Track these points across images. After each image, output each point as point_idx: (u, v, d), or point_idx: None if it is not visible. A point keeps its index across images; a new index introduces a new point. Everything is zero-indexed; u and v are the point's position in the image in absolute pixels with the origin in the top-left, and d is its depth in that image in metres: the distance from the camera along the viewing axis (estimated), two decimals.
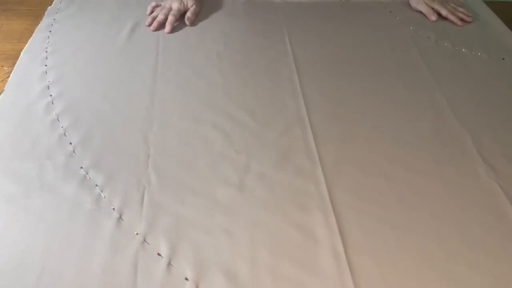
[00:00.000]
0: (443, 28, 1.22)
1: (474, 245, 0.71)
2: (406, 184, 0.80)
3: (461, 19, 1.25)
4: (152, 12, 1.20)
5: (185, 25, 1.17)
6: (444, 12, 1.25)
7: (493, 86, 1.03)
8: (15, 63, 1.03)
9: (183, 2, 1.19)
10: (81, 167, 0.78)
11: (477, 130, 0.91)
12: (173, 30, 1.15)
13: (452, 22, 1.24)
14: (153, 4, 1.22)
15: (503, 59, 1.12)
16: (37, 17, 1.22)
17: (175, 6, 1.18)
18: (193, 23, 1.18)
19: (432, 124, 0.92)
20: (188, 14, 1.18)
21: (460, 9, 1.27)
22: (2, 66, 1.05)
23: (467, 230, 0.73)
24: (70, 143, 0.82)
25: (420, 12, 1.28)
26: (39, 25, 1.15)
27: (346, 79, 1.03)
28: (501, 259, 0.70)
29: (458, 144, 0.88)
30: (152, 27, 1.15)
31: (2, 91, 0.94)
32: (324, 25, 1.21)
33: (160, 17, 1.16)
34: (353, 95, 0.98)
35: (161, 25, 1.16)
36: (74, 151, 0.81)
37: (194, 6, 1.20)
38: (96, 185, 0.75)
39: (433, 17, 1.25)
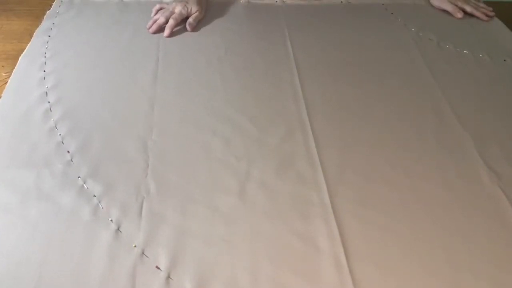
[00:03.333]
0: (444, 29, 1.22)
1: (477, 252, 0.70)
2: (409, 190, 0.79)
3: (485, 15, 1.28)
4: (156, 15, 1.19)
5: (185, 29, 1.16)
6: (468, 8, 1.28)
7: (495, 88, 1.03)
8: (15, 63, 1.02)
9: (186, 7, 1.18)
10: (79, 177, 0.77)
11: (479, 134, 0.90)
12: (173, 34, 1.14)
13: (478, 17, 1.27)
14: (157, 6, 1.21)
15: (505, 60, 1.12)
16: (37, 17, 1.22)
17: (178, 10, 1.17)
18: (194, 29, 1.17)
19: (434, 128, 0.91)
20: (190, 20, 1.17)
21: (481, 5, 1.31)
22: (3, 66, 1.05)
23: (470, 237, 0.72)
24: (68, 152, 0.82)
25: (445, 10, 1.30)
26: (38, 28, 1.15)
27: (348, 82, 1.02)
28: (505, 266, 0.69)
29: (460, 148, 0.87)
30: (151, 30, 1.15)
31: (0, 97, 0.93)
32: (325, 28, 1.20)
33: (161, 19, 1.15)
34: (354, 99, 0.98)
35: (161, 28, 1.15)
36: (71, 160, 0.80)
37: (197, 13, 1.18)
38: (94, 196, 0.75)
39: (459, 15, 1.27)
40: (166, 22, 1.15)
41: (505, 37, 1.20)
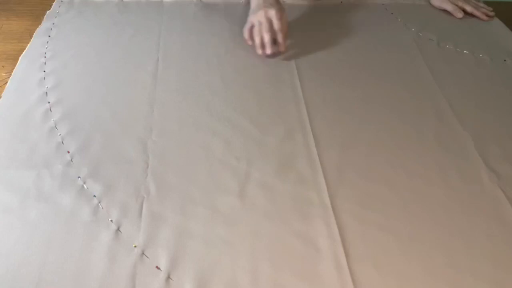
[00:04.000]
0: (444, 29, 1.22)
1: (477, 253, 0.70)
2: (409, 191, 0.79)
3: (486, 15, 1.28)
4: (250, 36, 1.08)
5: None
6: (469, 8, 1.28)
7: (495, 88, 1.03)
8: (15, 63, 1.02)
9: (277, 14, 1.04)
10: (79, 177, 0.77)
11: (479, 134, 0.90)
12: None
13: (478, 17, 1.27)
14: (248, 26, 1.08)
15: (505, 60, 1.12)
16: (37, 17, 1.21)
17: (272, 14, 1.04)
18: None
19: (434, 128, 0.91)
20: (279, 39, 1.06)
21: (481, 4, 1.31)
22: (3, 66, 1.04)
23: (470, 237, 0.72)
24: (68, 152, 0.82)
25: (445, 10, 1.30)
26: (38, 29, 1.15)
27: (348, 82, 1.02)
28: (504, 266, 0.69)
29: (460, 149, 0.87)
30: (269, 52, 1.05)
31: (0, 97, 0.93)
32: (325, 28, 1.20)
33: (266, 37, 1.04)
34: (354, 99, 0.98)
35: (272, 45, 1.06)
36: (72, 160, 0.80)
37: (285, 19, 1.06)
38: (94, 196, 0.75)
39: (460, 14, 1.27)
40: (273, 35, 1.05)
41: (505, 37, 1.20)
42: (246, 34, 1.10)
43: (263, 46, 1.06)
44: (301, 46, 1.12)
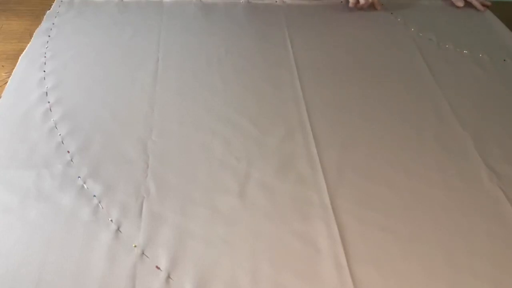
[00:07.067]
0: (444, 29, 1.22)
1: (477, 253, 0.70)
2: (409, 191, 0.79)
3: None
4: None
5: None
6: None
7: (495, 88, 1.03)
8: (15, 63, 1.02)
9: None
10: (79, 177, 0.77)
11: (479, 134, 0.90)
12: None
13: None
14: None
15: (504, 60, 1.11)
16: (37, 17, 1.21)
17: None
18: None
19: (434, 128, 0.91)
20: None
21: None
22: (3, 66, 1.04)
23: (471, 238, 0.72)
24: (68, 152, 0.82)
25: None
26: (38, 29, 1.15)
27: (348, 82, 1.02)
28: (505, 266, 0.69)
29: (460, 149, 0.87)
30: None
31: (0, 97, 0.93)
32: (325, 28, 1.20)
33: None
34: (354, 99, 0.98)
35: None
36: (72, 160, 0.80)
37: None
38: (94, 196, 0.75)
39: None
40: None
41: (505, 37, 1.20)
42: None
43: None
44: (301, 46, 1.12)
